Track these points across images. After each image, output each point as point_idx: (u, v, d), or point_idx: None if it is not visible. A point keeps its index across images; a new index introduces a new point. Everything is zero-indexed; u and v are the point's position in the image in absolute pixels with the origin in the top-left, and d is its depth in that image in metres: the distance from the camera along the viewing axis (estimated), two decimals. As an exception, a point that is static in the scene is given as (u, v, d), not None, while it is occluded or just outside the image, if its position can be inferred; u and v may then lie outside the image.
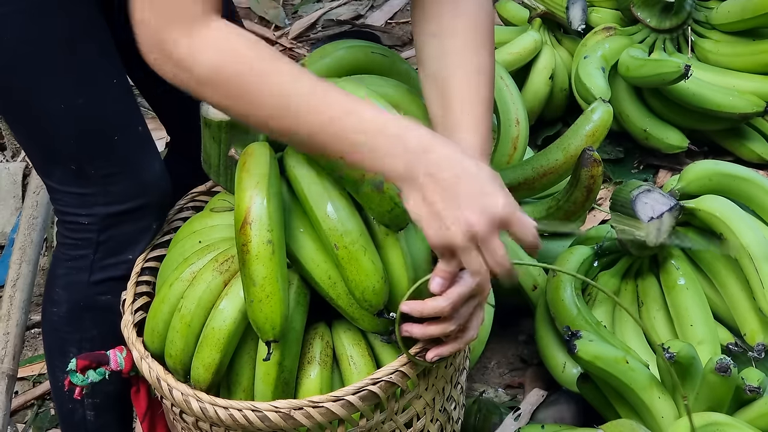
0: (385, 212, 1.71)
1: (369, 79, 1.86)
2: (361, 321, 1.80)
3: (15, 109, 1.90)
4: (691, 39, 3.04)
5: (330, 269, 1.76)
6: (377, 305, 1.74)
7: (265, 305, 1.67)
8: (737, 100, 2.88)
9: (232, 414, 1.72)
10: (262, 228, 1.66)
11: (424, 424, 1.87)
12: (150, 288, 1.96)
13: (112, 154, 1.90)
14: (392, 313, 1.75)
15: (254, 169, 1.70)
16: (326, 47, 1.96)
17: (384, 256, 1.75)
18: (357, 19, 4.15)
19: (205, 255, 1.86)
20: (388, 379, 1.73)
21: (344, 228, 1.71)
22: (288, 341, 1.76)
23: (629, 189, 2.28)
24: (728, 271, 2.32)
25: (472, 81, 1.77)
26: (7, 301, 2.61)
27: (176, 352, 1.81)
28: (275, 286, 1.67)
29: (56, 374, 2.07)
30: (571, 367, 2.33)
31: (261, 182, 1.68)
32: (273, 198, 1.69)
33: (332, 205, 1.72)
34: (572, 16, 3.04)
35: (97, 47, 1.89)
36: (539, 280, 2.48)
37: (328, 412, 1.70)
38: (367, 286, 1.72)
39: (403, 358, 1.75)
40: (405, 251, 1.77)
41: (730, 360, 1.94)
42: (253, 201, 1.67)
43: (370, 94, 1.74)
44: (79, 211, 1.94)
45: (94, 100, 1.87)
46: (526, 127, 2.54)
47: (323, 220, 1.72)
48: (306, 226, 1.77)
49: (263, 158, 1.72)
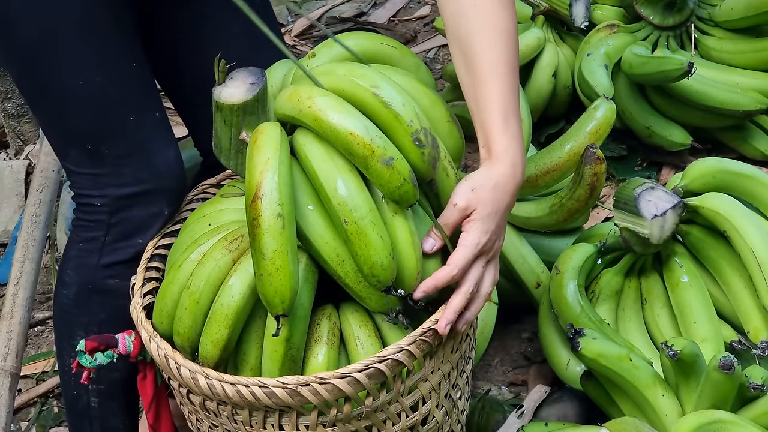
0: (395, 188, 1.73)
1: (380, 68, 1.87)
2: (368, 300, 1.82)
3: (37, 87, 1.95)
4: (695, 36, 3.03)
5: (338, 246, 1.78)
6: (385, 281, 1.75)
7: (274, 278, 1.69)
8: (740, 97, 2.87)
9: (239, 390, 1.74)
10: (272, 202, 1.68)
11: (429, 408, 1.88)
12: (159, 274, 2.00)
13: (126, 135, 1.95)
14: (400, 291, 1.77)
15: (265, 146, 1.72)
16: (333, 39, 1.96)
17: (392, 233, 1.77)
18: (360, 17, 4.15)
19: (215, 236, 1.88)
20: (394, 357, 1.75)
21: (353, 203, 1.73)
22: (296, 318, 1.78)
23: (632, 186, 2.28)
24: (732, 268, 2.32)
25: (494, 41, 1.82)
26: (10, 299, 2.62)
27: (184, 330, 1.83)
28: (285, 259, 1.69)
29: (64, 357, 2.11)
30: (574, 364, 2.33)
31: (272, 158, 1.71)
32: (284, 173, 1.71)
33: (342, 180, 1.74)
34: (575, 14, 3.04)
35: (119, 29, 1.93)
36: (542, 277, 2.48)
37: (334, 389, 1.72)
38: (375, 261, 1.73)
39: (410, 337, 1.76)
40: (413, 230, 1.79)
41: (733, 358, 1.94)
42: (264, 176, 1.69)
43: (383, 78, 1.75)
44: (93, 192, 1.99)
45: (112, 79, 1.92)
46: (530, 125, 2.54)
47: (333, 195, 1.74)
48: (315, 203, 1.78)
49: (274, 136, 1.74)
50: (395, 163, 1.71)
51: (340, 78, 1.77)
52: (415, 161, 1.75)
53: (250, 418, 1.81)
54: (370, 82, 1.75)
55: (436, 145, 1.77)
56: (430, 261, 1.83)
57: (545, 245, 2.55)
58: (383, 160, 1.71)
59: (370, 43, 1.98)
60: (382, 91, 1.74)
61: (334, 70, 1.79)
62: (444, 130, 1.91)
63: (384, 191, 1.75)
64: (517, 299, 2.59)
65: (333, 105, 1.73)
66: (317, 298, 1.84)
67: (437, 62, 3.79)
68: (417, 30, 4.02)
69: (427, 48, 3.87)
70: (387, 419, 1.83)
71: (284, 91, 1.81)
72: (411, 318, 1.84)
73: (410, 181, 1.72)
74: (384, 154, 1.71)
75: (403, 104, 1.74)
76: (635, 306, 2.39)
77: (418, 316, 1.85)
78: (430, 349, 1.80)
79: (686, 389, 2.03)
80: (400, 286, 1.78)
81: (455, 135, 1.93)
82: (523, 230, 2.53)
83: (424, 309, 1.85)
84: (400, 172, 1.72)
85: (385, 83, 1.76)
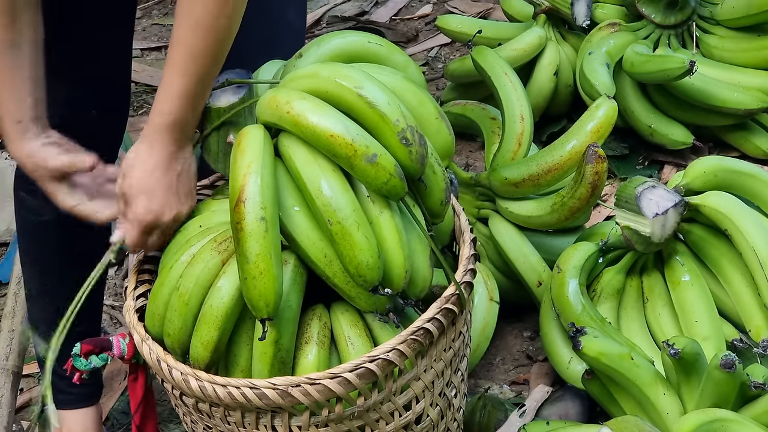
0: (382, 184, 1.73)
1: (364, 67, 1.87)
2: (357, 299, 1.82)
3: None
4: (696, 35, 3.03)
5: (326, 247, 1.78)
6: (371, 281, 1.75)
7: (258, 282, 1.69)
8: (742, 96, 2.87)
9: (230, 392, 1.74)
10: (255, 206, 1.69)
11: (423, 407, 1.88)
12: (152, 276, 2.00)
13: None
14: (387, 290, 1.77)
15: (249, 149, 1.73)
16: (322, 37, 1.97)
17: (379, 233, 1.77)
18: (361, 16, 4.15)
19: (205, 237, 1.88)
20: (385, 357, 1.75)
21: (337, 204, 1.74)
22: (284, 320, 1.78)
23: (634, 185, 2.28)
24: (733, 267, 2.32)
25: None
26: (12, 298, 2.62)
27: (174, 331, 1.83)
28: (268, 263, 1.69)
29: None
30: (576, 363, 2.33)
31: (255, 161, 1.71)
32: (267, 177, 1.72)
33: (326, 181, 1.75)
34: (577, 12, 3.04)
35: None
36: (544, 276, 2.48)
37: (325, 390, 1.72)
38: (360, 261, 1.73)
39: (401, 336, 1.76)
40: (400, 228, 1.79)
41: (735, 356, 1.93)
42: (247, 179, 1.70)
43: (368, 77, 1.75)
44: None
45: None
46: (531, 124, 2.54)
47: (317, 196, 1.75)
48: (301, 204, 1.79)
49: (258, 139, 1.75)
50: (379, 159, 1.71)
51: (324, 80, 1.77)
52: (403, 160, 1.75)
53: (243, 420, 1.81)
54: (354, 83, 1.75)
55: (423, 143, 1.77)
56: (419, 259, 1.83)
57: (547, 244, 2.55)
58: (366, 158, 1.71)
59: (357, 41, 1.98)
60: (366, 91, 1.74)
61: (319, 72, 1.79)
62: (432, 128, 1.91)
63: (371, 188, 1.75)
64: (518, 298, 2.59)
65: (311, 108, 1.74)
66: (307, 298, 1.84)
67: (439, 61, 3.79)
68: (419, 29, 4.02)
69: (429, 47, 3.88)
70: (380, 419, 1.83)
71: (264, 96, 1.81)
72: (401, 317, 1.85)
73: (396, 175, 1.73)
74: (367, 152, 1.71)
75: (388, 103, 1.74)
76: (637, 305, 2.39)
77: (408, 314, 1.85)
78: (421, 347, 1.80)
79: (688, 388, 2.03)
80: (388, 286, 1.78)
81: (444, 132, 1.93)
82: (525, 229, 2.53)
83: (415, 307, 1.85)
84: (385, 168, 1.72)
85: (370, 83, 1.76)
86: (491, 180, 2.51)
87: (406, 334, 1.77)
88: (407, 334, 1.77)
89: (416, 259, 1.82)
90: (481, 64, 2.67)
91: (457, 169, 2.61)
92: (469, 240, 1.95)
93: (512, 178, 2.45)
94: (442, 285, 1.93)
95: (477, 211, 2.60)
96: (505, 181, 2.46)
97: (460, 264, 1.91)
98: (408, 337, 1.77)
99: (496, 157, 2.54)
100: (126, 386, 2.70)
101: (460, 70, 3.22)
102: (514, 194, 2.48)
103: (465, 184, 2.60)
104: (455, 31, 3.31)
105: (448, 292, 1.84)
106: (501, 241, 2.52)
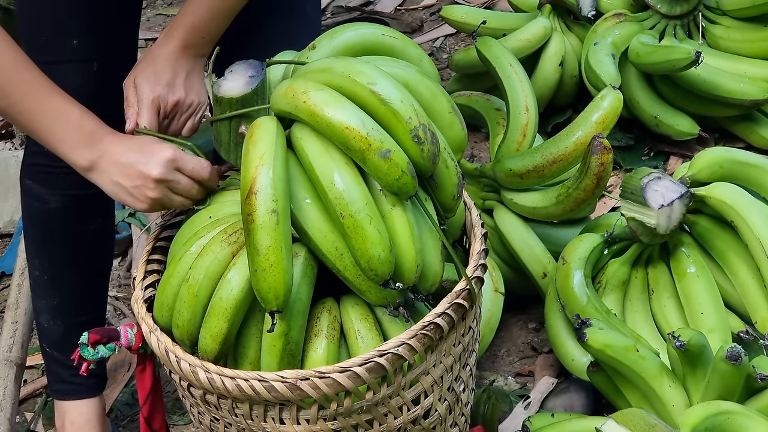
0: (393, 180, 1.72)
1: (378, 60, 1.87)
2: (368, 293, 1.81)
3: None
4: (702, 25, 3.02)
5: (337, 240, 1.77)
6: (383, 275, 1.74)
7: (268, 274, 1.69)
8: (748, 86, 2.86)
9: (239, 384, 1.74)
10: (266, 198, 1.68)
11: (431, 402, 1.88)
12: (161, 267, 1.99)
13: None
14: (398, 284, 1.76)
15: (261, 141, 1.72)
16: (335, 29, 1.96)
17: (391, 227, 1.76)
18: (366, 6, 4.14)
19: (215, 228, 1.88)
20: (395, 351, 1.74)
21: (350, 197, 1.73)
22: (294, 313, 1.77)
23: (639, 176, 2.27)
24: (739, 258, 2.31)
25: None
26: (15, 290, 2.62)
27: (183, 323, 1.83)
28: (279, 255, 1.68)
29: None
30: (581, 355, 2.32)
31: (267, 153, 1.71)
32: (279, 168, 1.71)
33: (339, 174, 1.74)
34: (582, 3, 3.03)
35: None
36: (549, 267, 2.48)
37: (334, 383, 1.71)
38: (372, 255, 1.73)
39: (411, 331, 1.76)
40: (412, 223, 1.78)
41: (741, 348, 1.93)
42: (258, 171, 1.69)
43: (381, 73, 1.74)
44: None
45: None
46: (536, 114, 2.54)
47: (329, 189, 1.74)
48: (313, 197, 1.78)
49: (270, 131, 1.74)
50: (393, 155, 1.70)
51: (338, 75, 1.76)
52: (414, 157, 1.74)
53: (251, 412, 1.80)
54: (367, 79, 1.74)
55: (435, 141, 1.76)
56: (431, 253, 1.82)
57: (552, 235, 2.54)
58: (380, 152, 1.70)
59: (371, 33, 1.97)
60: (379, 87, 1.73)
61: (332, 67, 1.78)
62: (445, 122, 1.90)
63: (382, 184, 1.74)
64: (523, 289, 2.59)
65: (328, 99, 1.73)
66: (318, 290, 1.83)
67: (444, 51, 3.79)
68: (423, 19, 4.01)
69: (434, 37, 3.87)
70: (388, 413, 1.82)
71: (280, 86, 1.80)
72: (412, 311, 1.84)
73: (408, 172, 1.71)
74: (381, 147, 1.70)
75: (401, 101, 1.73)
76: (642, 296, 2.39)
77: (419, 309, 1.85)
78: (431, 342, 1.79)
79: (693, 380, 2.02)
80: (399, 280, 1.77)
81: (456, 126, 1.93)
82: (530, 220, 2.52)
83: (426, 301, 1.84)
84: (397, 165, 1.71)
85: (383, 79, 1.75)
86: (496, 171, 2.50)
87: (417, 329, 1.76)
88: (417, 328, 1.76)
89: (428, 254, 1.82)
90: (486, 55, 2.67)
91: (462, 161, 2.60)
92: (480, 235, 1.94)
93: (517, 170, 2.44)
94: (452, 280, 1.92)
95: (482, 203, 2.59)
96: (510, 172, 2.46)
97: (471, 259, 1.90)
98: (418, 331, 1.76)
99: (501, 148, 2.53)
100: (129, 378, 2.71)
101: (465, 61, 3.21)
102: (519, 185, 2.48)
103: (470, 176, 2.60)
104: (460, 22, 3.30)
105: (459, 287, 1.83)
106: (506, 232, 2.52)
